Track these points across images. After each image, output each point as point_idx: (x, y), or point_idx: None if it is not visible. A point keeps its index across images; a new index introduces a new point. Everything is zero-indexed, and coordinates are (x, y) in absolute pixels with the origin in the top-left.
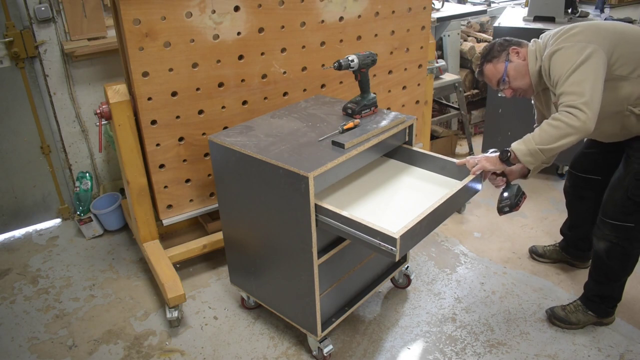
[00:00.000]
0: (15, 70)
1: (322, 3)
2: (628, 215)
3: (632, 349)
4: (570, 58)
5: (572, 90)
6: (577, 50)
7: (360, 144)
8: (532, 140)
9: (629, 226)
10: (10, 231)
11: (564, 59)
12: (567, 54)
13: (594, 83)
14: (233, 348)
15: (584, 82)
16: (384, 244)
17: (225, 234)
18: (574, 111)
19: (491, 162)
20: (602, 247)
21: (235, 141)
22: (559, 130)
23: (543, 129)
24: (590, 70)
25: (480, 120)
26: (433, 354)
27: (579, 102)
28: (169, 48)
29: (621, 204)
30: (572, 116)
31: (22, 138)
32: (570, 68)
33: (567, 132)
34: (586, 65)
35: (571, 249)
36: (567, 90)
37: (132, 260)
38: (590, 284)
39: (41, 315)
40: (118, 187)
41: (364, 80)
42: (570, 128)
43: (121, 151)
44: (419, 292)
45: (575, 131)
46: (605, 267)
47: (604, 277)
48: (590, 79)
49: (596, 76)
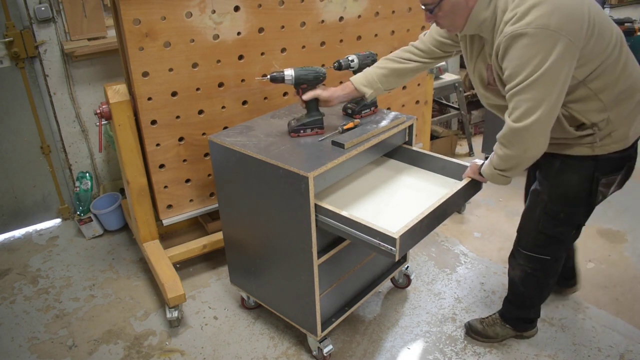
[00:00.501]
0: (15, 70)
1: (322, 3)
2: (542, 248)
3: (632, 349)
4: (534, 57)
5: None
6: (546, 45)
7: (360, 143)
8: (491, 165)
9: (544, 258)
10: (10, 231)
11: (527, 54)
12: (532, 49)
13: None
14: (233, 348)
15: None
16: (384, 244)
17: (225, 234)
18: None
19: (473, 170)
20: (518, 274)
21: (235, 141)
22: (504, 162)
23: (495, 155)
24: (551, 81)
25: (480, 120)
26: (433, 354)
27: (520, 127)
28: (169, 48)
29: (534, 236)
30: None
31: (22, 138)
32: (528, 75)
33: (513, 164)
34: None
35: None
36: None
37: (132, 260)
38: (507, 304)
39: (41, 315)
40: (118, 187)
41: None
42: (513, 159)
43: (121, 151)
44: (419, 292)
45: (518, 160)
46: (521, 294)
47: (520, 302)
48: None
49: (560, 87)
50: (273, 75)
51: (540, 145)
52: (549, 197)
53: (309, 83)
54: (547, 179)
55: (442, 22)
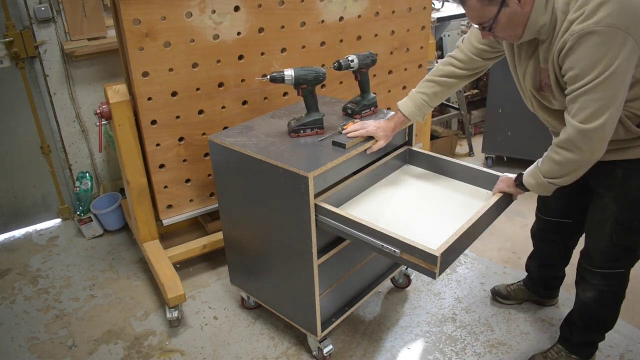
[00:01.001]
0: (15, 70)
1: (322, 3)
2: (616, 262)
3: (632, 349)
4: (604, 56)
5: (589, 106)
6: (615, 44)
7: (360, 143)
8: (539, 174)
9: (619, 272)
10: (10, 231)
11: (597, 53)
12: (602, 48)
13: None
14: (233, 348)
15: (607, 99)
16: (386, 245)
17: (225, 234)
18: (577, 141)
19: (508, 184)
20: (591, 296)
21: (235, 141)
22: (564, 167)
23: (547, 163)
24: (619, 80)
25: (480, 120)
26: (433, 354)
27: (589, 128)
28: (169, 48)
29: (607, 251)
30: (574, 150)
31: (22, 138)
32: (599, 74)
33: (573, 168)
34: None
35: (540, 289)
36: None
37: (132, 260)
38: (575, 331)
39: (41, 315)
40: (118, 187)
41: (364, 81)
42: (575, 164)
43: (121, 151)
44: (419, 292)
45: (582, 165)
46: (596, 316)
47: (594, 326)
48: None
49: (625, 87)
50: (273, 75)
51: (605, 146)
52: (619, 207)
53: (309, 83)
54: (613, 188)
55: (501, 34)
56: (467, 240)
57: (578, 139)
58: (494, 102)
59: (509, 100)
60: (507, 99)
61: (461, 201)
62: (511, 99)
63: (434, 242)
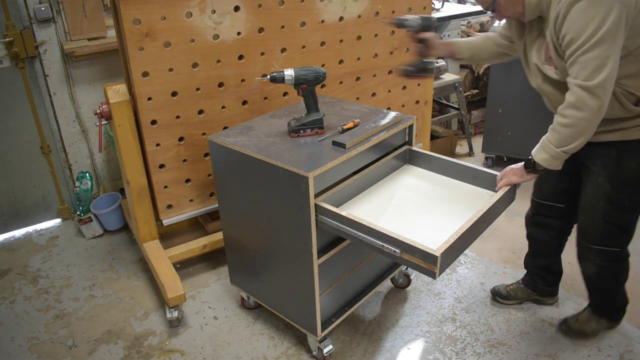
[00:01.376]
0: (15, 70)
1: (322, 3)
2: (612, 240)
3: (632, 349)
4: (594, 19)
5: (588, 64)
6: (603, 8)
7: (360, 143)
8: (550, 145)
9: (614, 250)
10: (10, 231)
11: (587, 15)
12: (591, 10)
13: (614, 57)
14: (233, 348)
15: (603, 57)
16: (386, 245)
17: (225, 234)
18: (584, 99)
19: (517, 173)
20: (592, 271)
21: (235, 141)
22: (574, 129)
23: (557, 131)
24: (611, 41)
25: (480, 120)
26: (433, 354)
27: (593, 84)
28: (169, 48)
29: (602, 229)
30: (583, 108)
31: (22, 138)
32: (592, 35)
33: (583, 128)
34: (609, 34)
35: (538, 284)
36: (584, 64)
37: (132, 260)
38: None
39: (41, 315)
40: (118, 187)
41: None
42: (584, 122)
43: (121, 151)
44: (419, 292)
45: (590, 123)
46: (601, 286)
47: (603, 293)
48: (611, 53)
49: (617, 48)
50: (273, 75)
51: (607, 102)
52: (612, 186)
53: (309, 83)
54: (607, 168)
55: (507, 13)
56: (467, 240)
57: (584, 96)
58: (494, 102)
59: (509, 100)
60: (507, 99)
61: (461, 201)
62: (511, 99)
63: (434, 242)
